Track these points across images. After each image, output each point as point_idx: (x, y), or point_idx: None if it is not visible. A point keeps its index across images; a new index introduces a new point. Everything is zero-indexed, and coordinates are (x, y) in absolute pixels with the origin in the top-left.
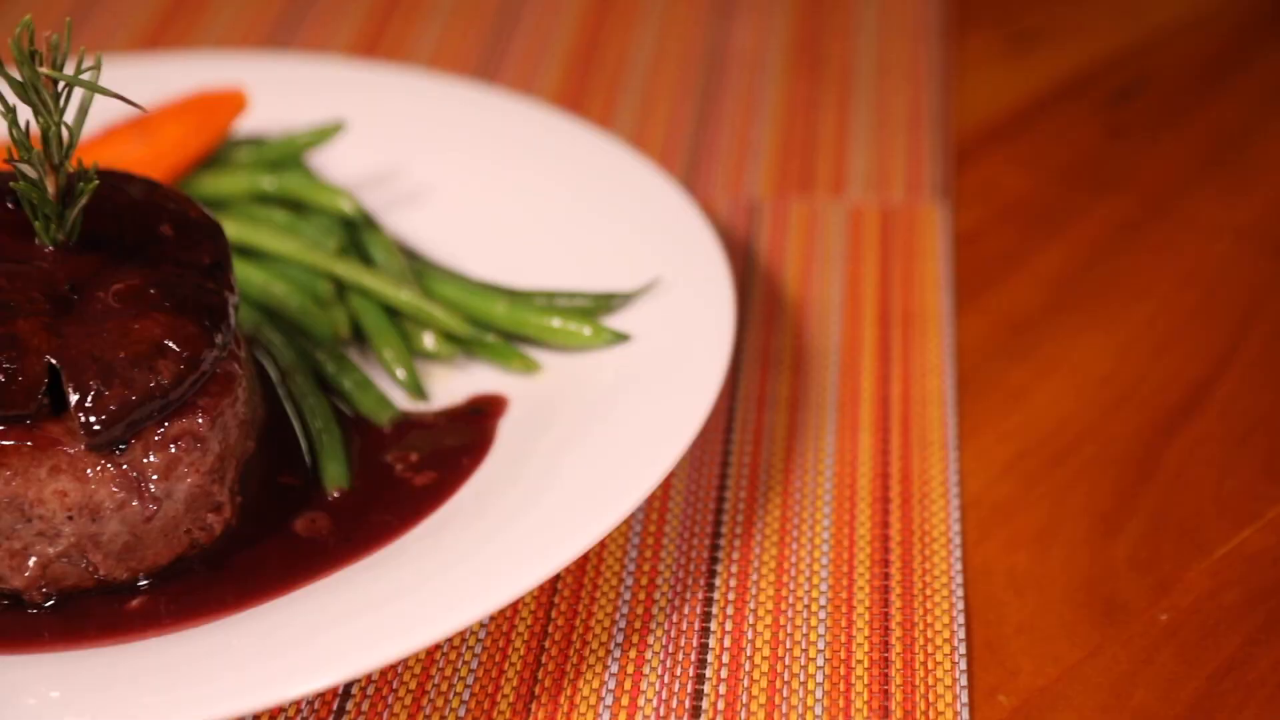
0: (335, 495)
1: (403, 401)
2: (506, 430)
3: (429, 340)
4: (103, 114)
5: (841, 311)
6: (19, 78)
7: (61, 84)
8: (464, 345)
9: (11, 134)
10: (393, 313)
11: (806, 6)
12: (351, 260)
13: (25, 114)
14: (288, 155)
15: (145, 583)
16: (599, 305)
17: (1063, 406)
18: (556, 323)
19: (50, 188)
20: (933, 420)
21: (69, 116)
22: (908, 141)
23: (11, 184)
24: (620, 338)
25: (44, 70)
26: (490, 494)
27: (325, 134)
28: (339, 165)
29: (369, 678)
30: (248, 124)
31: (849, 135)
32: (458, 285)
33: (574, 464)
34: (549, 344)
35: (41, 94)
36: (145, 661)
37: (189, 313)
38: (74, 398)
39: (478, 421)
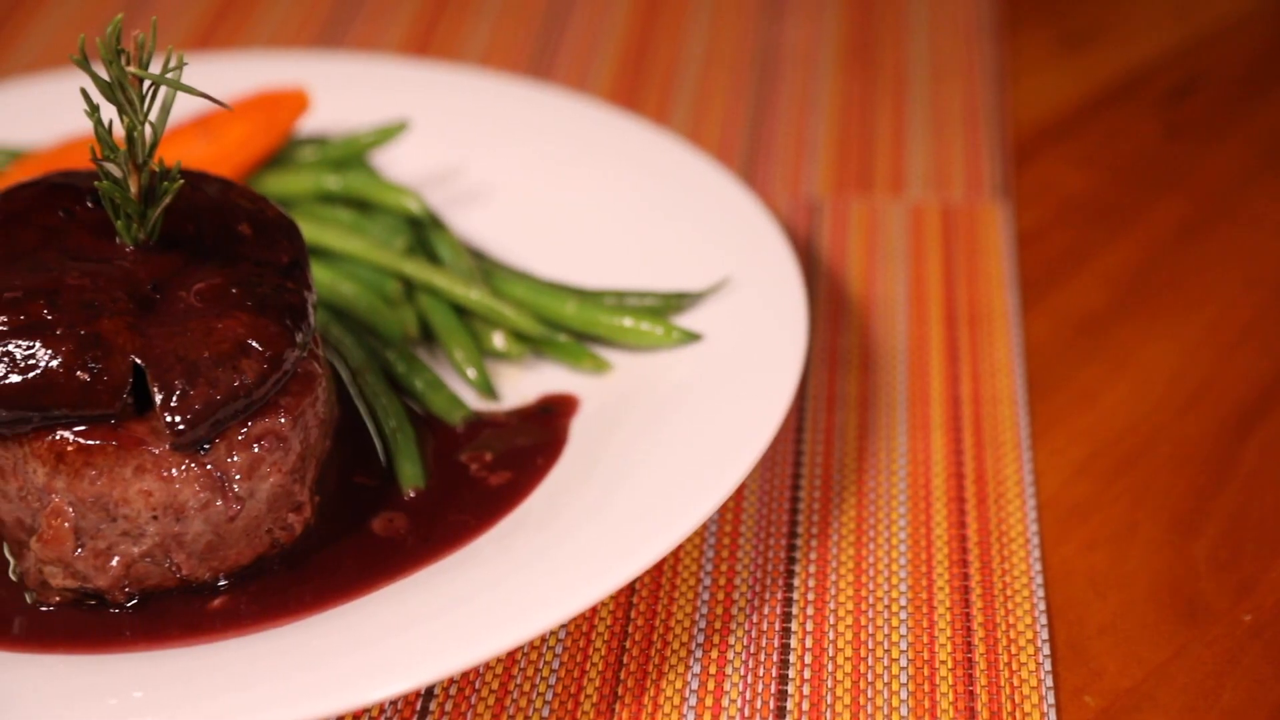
0: (411, 495)
1: (472, 401)
2: (579, 430)
3: (499, 340)
4: (183, 113)
5: (907, 310)
6: (105, 77)
7: (147, 83)
8: (533, 345)
9: (97, 133)
10: (461, 312)
11: (856, 5)
12: (420, 260)
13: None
14: (351, 155)
15: (224, 582)
16: (668, 304)
17: (1134, 406)
18: (628, 322)
19: (133, 187)
20: (1004, 420)
21: (150, 116)
22: (965, 140)
23: (96, 183)
24: (692, 337)
25: (132, 69)
26: (566, 494)
27: (389, 133)
28: (399, 164)
29: (452, 678)
30: (307, 123)
31: (906, 134)
32: (526, 285)
33: (651, 464)
34: (619, 343)
35: (128, 93)
36: (228, 662)
37: (270, 312)
38: (159, 397)
39: (549, 421)
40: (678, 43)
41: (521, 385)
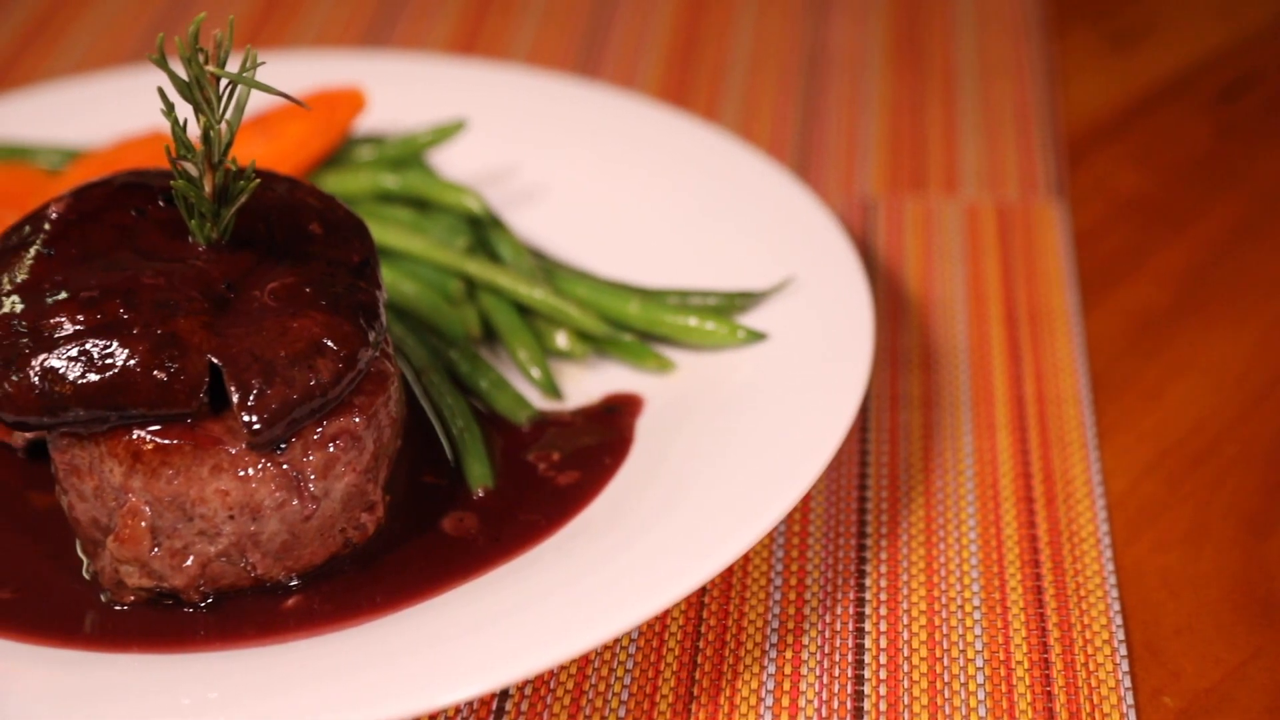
0: (480, 494)
1: (536, 400)
2: (645, 429)
3: (562, 339)
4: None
5: (966, 310)
6: (184, 76)
7: (224, 82)
8: (596, 344)
9: (173, 133)
10: (523, 311)
11: (901, 4)
12: (482, 259)
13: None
14: (409, 154)
15: (296, 582)
16: (731, 304)
17: (1200, 405)
18: (693, 321)
19: (207, 186)
20: (1070, 419)
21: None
22: (1017, 139)
23: (172, 183)
24: (757, 337)
25: (210, 68)
26: (636, 495)
27: (446, 132)
28: (453, 163)
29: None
30: (361, 123)
31: (957, 133)
32: (588, 284)
33: (723, 465)
34: (682, 343)
35: (206, 91)
36: (303, 662)
37: (344, 311)
38: (236, 397)
39: (614, 420)
40: (724, 42)
41: (584, 384)
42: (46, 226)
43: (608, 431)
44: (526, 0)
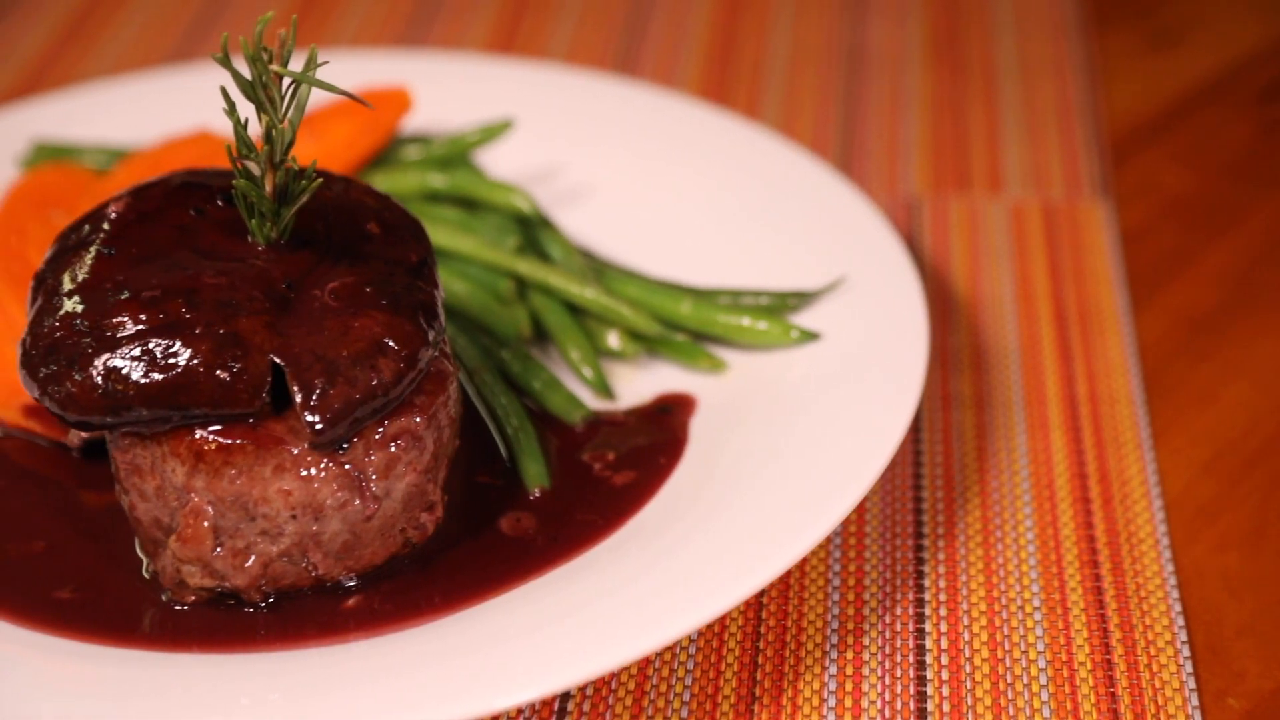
0: (536, 494)
1: (588, 400)
2: (698, 429)
3: (613, 339)
4: None
5: (1015, 309)
6: (247, 75)
7: (287, 82)
8: (648, 344)
9: (235, 132)
10: (574, 311)
11: (938, 3)
12: (533, 258)
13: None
14: (456, 153)
15: (354, 582)
16: (783, 303)
17: (1254, 405)
18: (747, 321)
19: (268, 185)
20: (1123, 420)
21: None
22: (1060, 138)
23: (234, 182)
24: (811, 336)
25: (274, 68)
26: (693, 495)
27: (494, 132)
28: (498, 163)
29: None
30: (405, 123)
31: (1000, 132)
32: (639, 284)
33: (780, 465)
34: (735, 342)
35: (270, 91)
36: (365, 663)
37: (404, 310)
38: (299, 397)
39: (667, 420)
40: (762, 41)
41: (636, 384)
42: (105, 226)
43: (661, 431)
44: (562, 0)
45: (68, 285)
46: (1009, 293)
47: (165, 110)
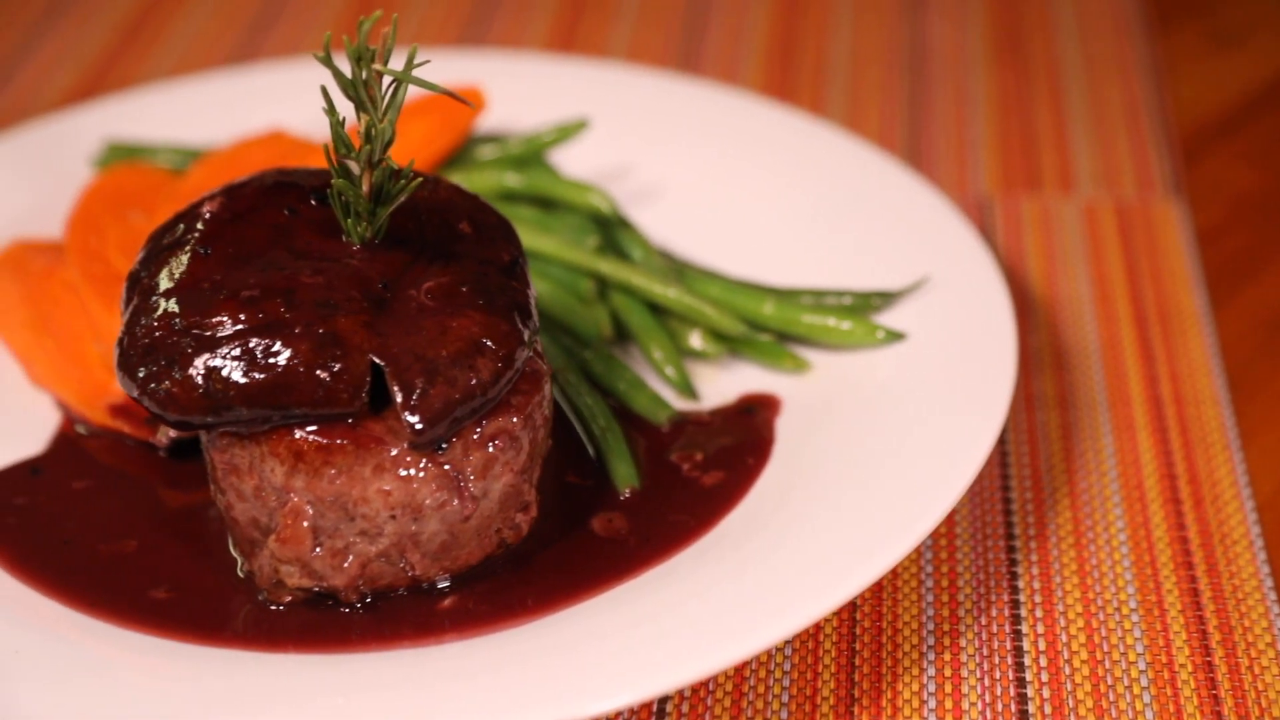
0: (626, 495)
1: (671, 400)
2: (784, 429)
3: (696, 339)
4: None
5: (1094, 309)
6: (348, 74)
7: (388, 81)
8: (730, 344)
9: (334, 132)
10: (655, 311)
11: (998, 2)
12: (614, 258)
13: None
14: (531, 153)
15: (446, 583)
16: (866, 303)
17: None
18: (832, 321)
19: (365, 185)
20: (1209, 420)
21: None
22: (1129, 137)
23: (333, 181)
24: (896, 336)
25: (377, 66)
26: (784, 496)
27: (569, 131)
28: (568, 162)
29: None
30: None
31: (1067, 131)
32: (720, 284)
33: (872, 466)
34: (818, 342)
35: (373, 89)
36: (463, 664)
37: (500, 310)
38: (399, 396)
39: (751, 420)
40: (822, 41)
41: (718, 384)
42: (200, 226)
43: (746, 432)
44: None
45: (164, 285)
46: (1086, 292)
47: (231, 110)
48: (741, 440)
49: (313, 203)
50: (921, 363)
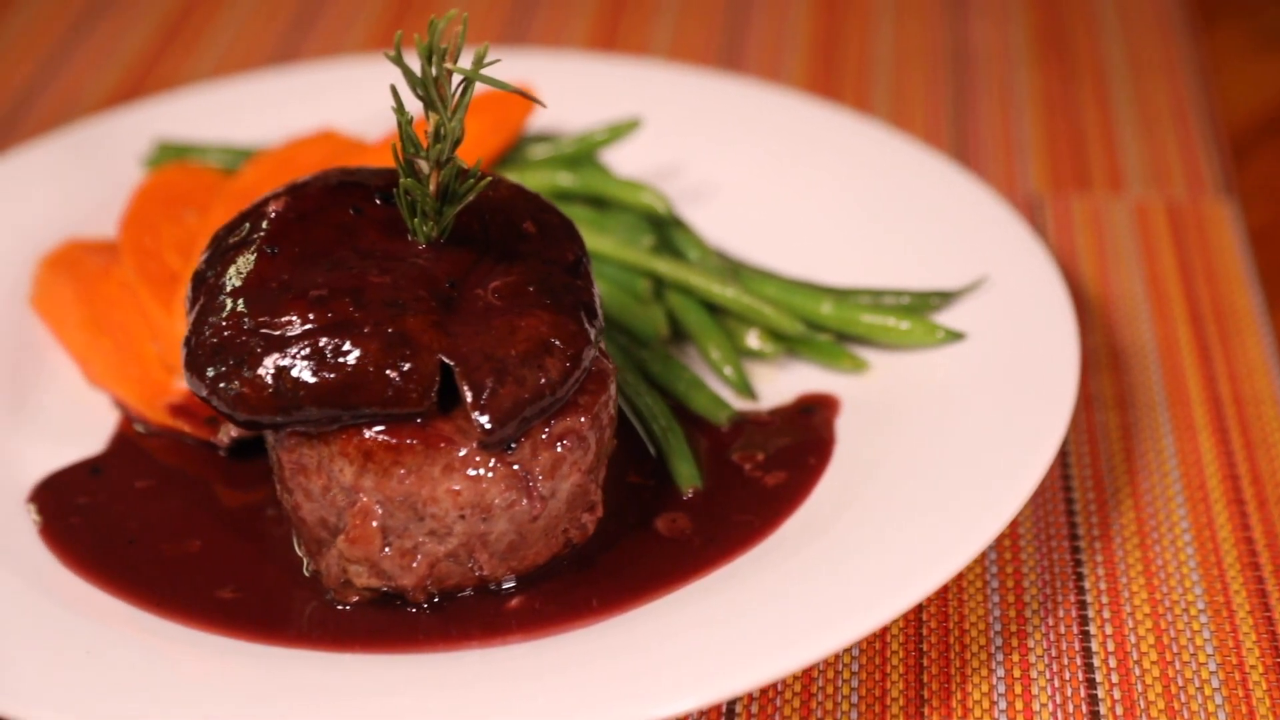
0: (689, 495)
1: (729, 400)
2: (845, 430)
3: (753, 339)
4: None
5: (1148, 309)
6: (419, 73)
7: (458, 80)
8: (788, 344)
9: (403, 131)
10: (711, 310)
11: (1039, 1)
12: (671, 258)
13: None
14: (583, 152)
15: (511, 584)
16: (924, 303)
17: None
18: (891, 321)
19: (432, 184)
20: (1270, 421)
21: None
22: (1177, 137)
23: (401, 180)
24: (956, 336)
25: (449, 65)
26: (848, 497)
27: (622, 130)
28: (617, 162)
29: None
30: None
31: (1115, 130)
32: (776, 283)
33: (937, 466)
34: (875, 342)
35: (444, 87)
36: (532, 664)
37: (567, 310)
38: (469, 396)
39: (810, 421)
40: (864, 40)
41: (775, 384)
42: (265, 225)
43: (806, 432)
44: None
45: (232, 284)
46: (1140, 292)
47: (277, 109)
48: (801, 440)
49: (377, 202)
50: (982, 363)
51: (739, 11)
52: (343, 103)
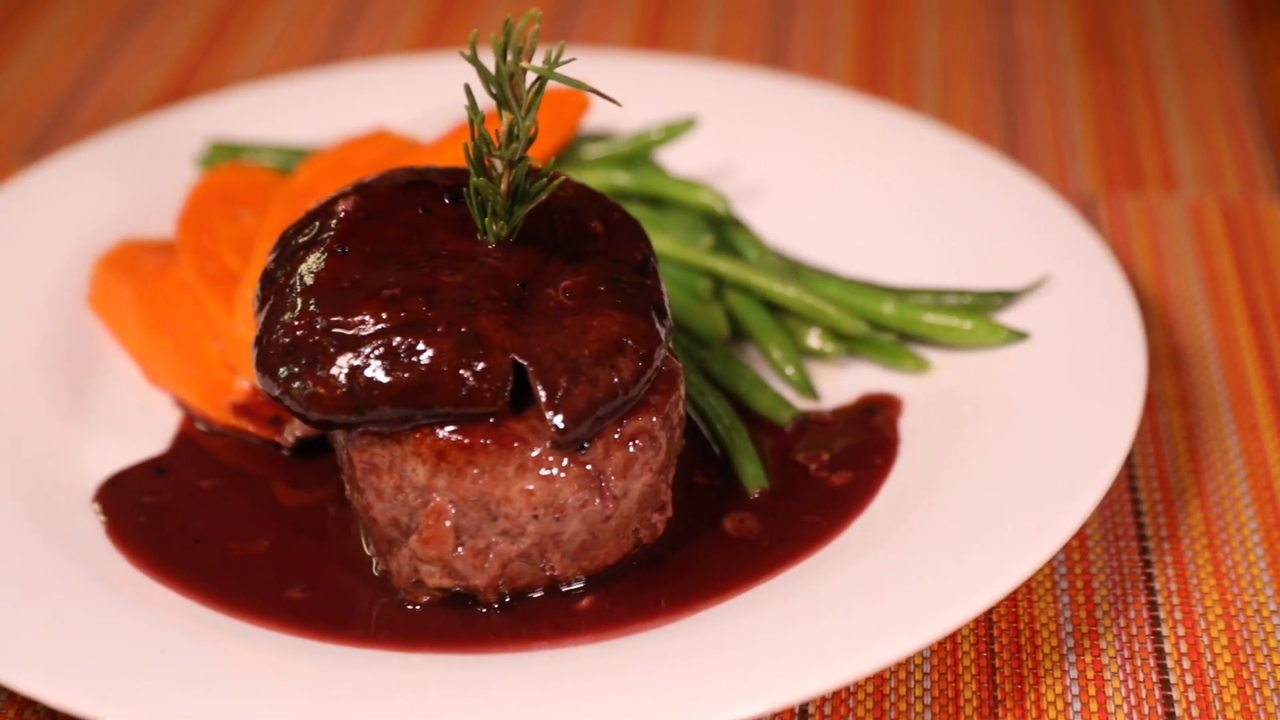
0: (756, 495)
1: (791, 399)
2: (909, 430)
3: (814, 338)
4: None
5: (1207, 309)
6: (493, 71)
7: (533, 78)
8: (849, 343)
9: (478, 130)
10: (772, 310)
11: (1085, 0)
12: (731, 257)
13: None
14: (639, 151)
15: (580, 584)
16: (987, 303)
17: None
18: (954, 321)
19: (504, 183)
20: None
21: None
22: (1229, 136)
23: (473, 179)
24: (1019, 336)
25: (526, 64)
26: (915, 498)
27: (677, 130)
28: (671, 162)
29: None
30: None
31: (1166, 129)
32: (837, 283)
33: (1004, 468)
34: (938, 342)
35: (518, 86)
36: (606, 664)
37: (638, 309)
38: (543, 396)
39: (874, 421)
40: (910, 39)
41: (836, 384)
42: (334, 224)
43: (870, 432)
44: None
45: (302, 284)
46: (1198, 292)
47: (327, 109)
48: (866, 440)
49: (446, 201)
50: (1046, 363)
51: (783, 12)
52: (391, 102)
